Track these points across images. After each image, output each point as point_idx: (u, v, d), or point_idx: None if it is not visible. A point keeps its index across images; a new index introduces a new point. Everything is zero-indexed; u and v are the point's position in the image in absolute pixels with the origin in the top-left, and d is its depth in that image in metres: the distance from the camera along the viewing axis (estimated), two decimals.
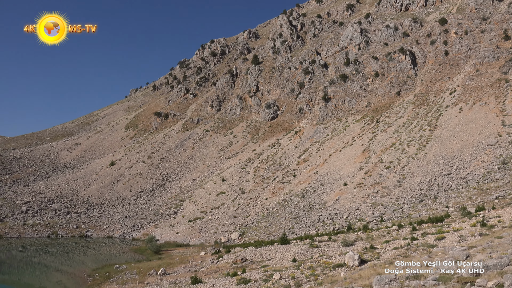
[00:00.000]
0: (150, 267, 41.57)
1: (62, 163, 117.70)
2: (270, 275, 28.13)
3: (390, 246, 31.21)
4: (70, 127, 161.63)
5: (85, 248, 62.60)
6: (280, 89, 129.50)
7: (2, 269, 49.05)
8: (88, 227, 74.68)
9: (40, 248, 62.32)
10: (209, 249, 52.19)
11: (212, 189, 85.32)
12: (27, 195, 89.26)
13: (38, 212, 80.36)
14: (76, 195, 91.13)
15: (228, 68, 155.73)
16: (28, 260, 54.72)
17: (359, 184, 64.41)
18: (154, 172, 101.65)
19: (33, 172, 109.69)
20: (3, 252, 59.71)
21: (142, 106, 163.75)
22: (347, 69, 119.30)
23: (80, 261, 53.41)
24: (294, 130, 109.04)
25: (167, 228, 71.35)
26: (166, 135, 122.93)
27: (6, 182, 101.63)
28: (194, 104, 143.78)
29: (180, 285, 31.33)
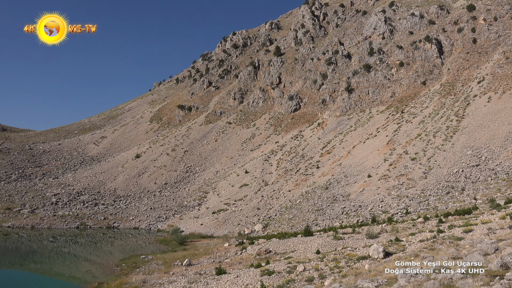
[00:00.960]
0: (175, 258, 42.28)
1: (89, 156, 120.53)
2: (293, 267, 28.21)
3: (415, 238, 30.79)
4: (97, 121, 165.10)
5: (113, 239, 64.15)
6: (303, 81, 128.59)
7: (35, 259, 50.85)
8: (115, 218, 76.40)
9: (70, 238, 64.21)
10: (233, 240, 52.66)
11: (235, 181, 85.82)
12: (56, 187, 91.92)
13: (67, 204, 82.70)
14: (103, 187, 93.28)
15: (250, 60, 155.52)
16: (58, 250, 56.50)
17: (384, 176, 63.58)
18: (178, 164, 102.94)
19: (62, 165, 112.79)
20: (35, 242, 61.82)
21: (165, 99, 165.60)
22: (370, 59, 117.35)
23: (108, 251, 54.80)
24: (317, 122, 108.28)
25: (191, 219, 72.29)
26: (189, 128, 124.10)
27: (36, 174, 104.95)
28: (216, 96, 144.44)
29: (204, 275, 31.76)
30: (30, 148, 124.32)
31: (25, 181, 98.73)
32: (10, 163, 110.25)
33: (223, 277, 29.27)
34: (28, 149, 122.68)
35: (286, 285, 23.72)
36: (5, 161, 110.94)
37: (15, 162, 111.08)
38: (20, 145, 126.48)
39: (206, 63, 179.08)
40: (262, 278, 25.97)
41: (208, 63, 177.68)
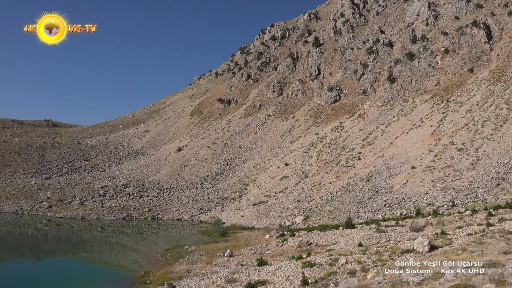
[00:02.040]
0: (217, 249, 43.08)
1: (134, 149, 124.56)
2: (335, 259, 28.05)
3: (463, 232, 29.76)
4: (140, 116, 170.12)
5: (157, 230, 66.19)
6: (343, 71, 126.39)
7: (85, 248, 53.41)
8: (159, 210, 78.72)
9: (117, 229, 66.87)
10: (274, 232, 52.93)
11: (275, 173, 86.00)
12: (103, 180, 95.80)
13: (114, 196, 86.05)
14: (147, 180, 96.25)
15: (289, 52, 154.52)
16: (107, 240, 59.03)
17: (428, 167, 61.63)
18: (218, 157, 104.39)
19: (108, 158, 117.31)
20: (85, 232, 64.88)
21: (205, 93, 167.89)
22: (413, 47, 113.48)
23: (152, 241, 56.63)
24: (358, 113, 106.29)
25: (232, 211, 73.27)
26: (229, 121, 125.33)
27: (85, 168, 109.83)
28: (255, 89, 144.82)
29: (246, 266, 32.20)
30: (78, 142, 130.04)
31: (75, 174, 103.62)
32: (61, 157, 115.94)
33: (265, 268, 29.55)
34: (77, 144, 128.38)
35: (328, 278, 23.65)
36: (56, 155, 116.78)
37: (65, 156, 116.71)
38: (69, 140, 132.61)
39: (244, 56, 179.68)
40: (304, 270, 26.01)
41: (246, 56, 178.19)
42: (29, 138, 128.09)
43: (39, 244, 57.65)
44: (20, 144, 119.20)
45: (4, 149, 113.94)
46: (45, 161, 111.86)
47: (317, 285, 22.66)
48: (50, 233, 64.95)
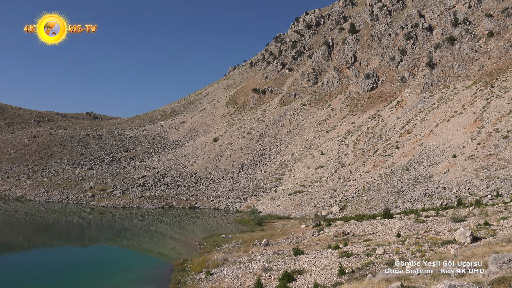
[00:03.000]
0: (253, 238, 43.50)
1: (171, 140, 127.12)
2: (373, 249, 27.69)
3: (508, 223, 28.57)
4: (176, 107, 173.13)
5: (195, 219, 67.55)
6: (380, 58, 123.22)
7: (126, 235, 55.31)
8: (196, 199, 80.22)
9: (156, 217, 68.77)
10: (310, 222, 52.81)
11: (311, 163, 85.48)
12: (143, 170, 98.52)
13: (153, 186, 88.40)
14: (184, 170, 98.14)
15: (324, 40, 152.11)
16: (146, 228, 60.85)
17: (471, 156, 59.35)
18: (254, 147, 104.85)
19: (147, 149, 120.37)
20: (126, 220, 67.14)
21: (240, 83, 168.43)
22: (455, 31, 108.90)
23: (190, 230, 57.89)
24: (396, 100, 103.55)
25: (268, 201, 73.60)
26: (264, 111, 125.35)
27: (125, 158, 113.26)
28: (290, 78, 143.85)
29: (282, 255, 32.36)
30: (118, 134, 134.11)
31: (115, 164, 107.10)
32: (102, 148, 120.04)
33: (301, 258, 29.60)
34: (117, 135, 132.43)
35: (365, 268, 23.41)
36: (98, 146, 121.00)
37: (106, 147, 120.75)
38: (110, 131, 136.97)
39: (279, 45, 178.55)
40: (340, 260, 25.86)
41: (281, 45, 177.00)
42: (73, 130, 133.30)
43: (84, 232, 60.23)
44: (64, 136, 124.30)
45: (50, 141, 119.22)
46: (87, 152, 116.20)
47: (354, 275, 22.49)
48: (94, 221, 67.69)
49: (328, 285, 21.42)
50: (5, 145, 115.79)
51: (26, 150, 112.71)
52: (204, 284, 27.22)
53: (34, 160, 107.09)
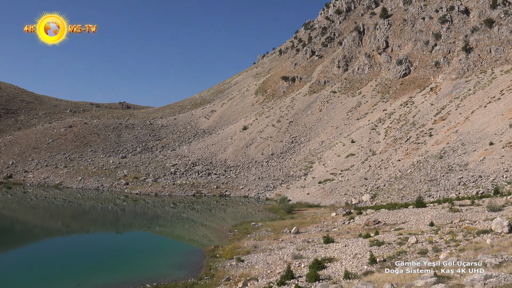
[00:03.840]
0: (283, 226, 43.69)
1: (201, 129, 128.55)
2: (405, 238, 27.31)
3: None
4: (206, 96, 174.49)
5: (225, 206, 68.42)
6: (413, 43, 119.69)
7: (159, 222, 56.73)
8: (227, 187, 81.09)
9: (188, 205, 70.08)
10: (340, 210, 52.50)
11: (341, 151, 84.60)
12: (174, 159, 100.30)
13: (184, 174, 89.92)
14: (214, 158, 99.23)
15: (355, 25, 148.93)
16: (178, 215, 62.16)
17: (509, 143, 57.11)
18: (283, 135, 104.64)
19: (178, 138, 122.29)
20: (159, 207, 68.79)
21: (269, 71, 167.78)
22: (493, 13, 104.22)
23: (221, 217, 58.73)
24: (430, 86, 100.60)
25: (298, 189, 73.55)
26: (293, 99, 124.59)
27: (157, 147, 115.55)
28: (320, 65, 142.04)
29: (312, 243, 32.40)
30: (150, 123, 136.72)
31: (147, 153, 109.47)
32: (135, 137, 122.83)
33: (331, 246, 29.55)
34: (149, 124, 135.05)
35: (397, 257, 23.13)
36: (131, 135, 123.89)
37: (138, 136, 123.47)
38: (142, 120, 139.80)
39: (308, 32, 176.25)
40: (371, 249, 25.65)
41: (310, 32, 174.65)
42: (106, 120, 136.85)
43: (119, 218, 62.16)
44: (98, 125, 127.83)
45: (85, 131, 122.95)
46: (121, 141, 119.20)
47: (386, 263, 22.28)
48: (128, 208, 69.70)
49: (359, 273, 21.33)
50: (44, 135, 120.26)
51: (63, 140, 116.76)
52: (235, 270, 27.65)
53: (71, 149, 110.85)
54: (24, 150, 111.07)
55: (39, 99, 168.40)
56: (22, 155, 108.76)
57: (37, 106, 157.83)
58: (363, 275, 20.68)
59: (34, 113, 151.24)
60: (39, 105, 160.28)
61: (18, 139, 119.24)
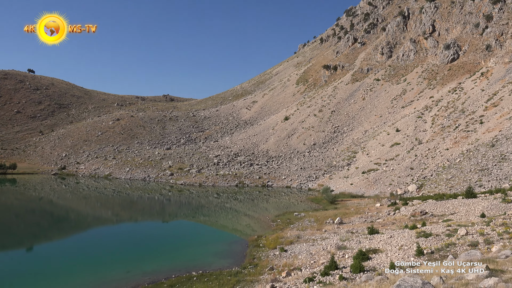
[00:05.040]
0: (326, 216, 43.39)
1: (243, 120, 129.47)
2: (454, 230, 26.39)
3: None
4: (247, 87, 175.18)
5: (267, 196, 68.79)
6: (461, 26, 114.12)
7: (203, 212, 57.95)
8: (269, 177, 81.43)
9: (231, 195, 71.08)
10: (385, 201, 51.41)
11: (386, 140, 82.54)
12: (217, 149, 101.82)
13: (227, 164, 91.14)
14: (256, 149, 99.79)
15: (399, 10, 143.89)
16: (222, 205, 63.22)
17: None
18: (325, 125, 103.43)
19: (220, 129, 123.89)
20: (203, 198, 70.23)
21: (310, 61, 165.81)
22: None
23: (263, 207, 59.13)
24: (480, 71, 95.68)
25: (341, 179, 72.65)
26: (335, 88, 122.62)
27: (200, 138, 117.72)
28: (362, 53, 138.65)
29: (356, 234, 32.01)
30: (193, 115, 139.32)
31: (191, 144, 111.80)
32: (179, 129, 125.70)
33: (376, 237, 29.08)
34: (192, 116, 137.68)
35: (446, 249, 22.42)
36: (175, 127, 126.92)
37: (182, 128, 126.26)
38: (185, 113, 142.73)
39: (350, 19, 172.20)
40: (418, 240, 25.00)
41: (352, 18, 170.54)
42: (151, 113, 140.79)
43: (165, 208, 64.09)
44: (144, 118, 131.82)
45: (131, 123, 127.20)
46: (165, 133, 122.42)
47: (434, 255, 21.66)
48: (173, 198, 71.68)
49: (405, 265, 20.87)
50: (93, 128, 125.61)
51: (111, 132, 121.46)
52: (278, 260, 27.84)
53: (119, 141, 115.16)
54: (76, 143, 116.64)
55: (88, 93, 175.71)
56: (74, 147, 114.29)
57: (87, 101, 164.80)
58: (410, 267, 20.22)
59: (84, 107, 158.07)
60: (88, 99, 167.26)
61: (70, 132, 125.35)
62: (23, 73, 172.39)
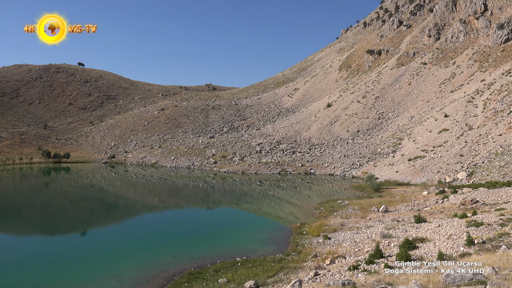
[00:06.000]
0: (371, 204, 42.69)
1: (285, 107, 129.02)
2: (507, 220, 25.22)
3: None
4: (289, 74, 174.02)
5: (310, 184, 68.51)
6: None
7: (246, 199, 58.68)
8: (311, 165, 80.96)
9: (273, 183, 71.41)
10: (432, 188, 49.81)
11: (433, 126, 79.59)
12: (259, 137, 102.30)
13: (269, 152, 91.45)
14: (298, 136, 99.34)
15: None
16: (264, 192, 63.68)
17: None
18: (369, 111, 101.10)
19: (262, 117, 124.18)
20: (246, 185, 71.05)
21: (353, 46, 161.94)
22: None
23: (306, 195, 59.00)
24: None
25: (385, 166, 71.03)
26: (379, 73, 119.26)
27: (242, 127, 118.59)
28: (408, 36, 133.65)
29: (402, 223, 31.32)
30: (235, 103, 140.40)
31: (233, 132, 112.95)
32: (221, 117, 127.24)
33: (423, 226, 28.33)
34: (234, 105, 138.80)
35: (498, 239, 21.50)
36: (217, 116, 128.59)
37: (225, 117, 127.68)
38: (227, 101, 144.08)
39: (395, 1, 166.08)
40: (468, 229, 24.11)
41: (397, 0, 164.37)
42: (195, 102, 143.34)
43: (209, 195, 65.47)
44: (187, 107, 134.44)
45: (176, 113, 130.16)
46: (208, 121, 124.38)
47: (485, 246, 20.84)
48: (217, 185, 73.03)
49: (455, 255, 20.25)
50: (140, 118, 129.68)
51: (156, 122, 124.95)
52: (322, 247, 27.81)
53: (164, 131, 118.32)
54: (124, 133, 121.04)
55: (134, 84, 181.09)
56: (122, 137, 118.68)
57: (133, 91, 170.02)
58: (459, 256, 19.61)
59: (131, 98, 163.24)
60: (134, 90, 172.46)
61: (118, 122, 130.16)
62: (74, 66, 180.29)
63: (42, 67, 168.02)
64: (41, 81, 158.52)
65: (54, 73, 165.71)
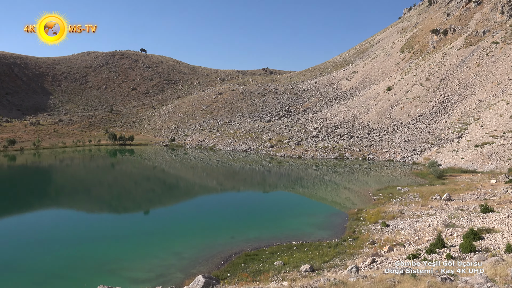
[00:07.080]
0: (433, 192, 41.04)
1: (343, 91, 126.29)
2: None
3: None
4: (347, 57, 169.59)
5: (368, 170, 66.96)
6: None
7: (302, 184, 58.64)
8: (370, 150, 78.98)
9: (330, 168, 70.63)
10: (502, 177, 46.81)
11: (504, 110, 74.33)
12: (315, 122, 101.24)
13: (326, 137, 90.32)
14: (356, 121, 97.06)
15: None
16: (321, 177, 63.23)
17: None
18: (433, 94, 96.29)
19: (319, 101, 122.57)
20: (302, 169, 70.90)
21: (417, 25, 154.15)
22: None
23: (364, 181, 57.80)
24: None
25: (449, 153, 67.65)
26: (445, 54, 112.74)
27: (299, 111, 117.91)
28: (478, 13, 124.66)
29: (467, 212, 29.87)
30: (292, 87, 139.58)
31: (290, 117, 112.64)
32: (278, 101, 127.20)
33: (490, 216, 26.87)
34: (291, 89, 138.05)
35: None
36: (274, 100, 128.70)
37: (281, 101, 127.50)
38: (284, 85, 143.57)
39: None
40: None
41: None
42: (251, 86, 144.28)
43: (265, 179, 66.15)
44: (244, 92, 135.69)
45: (233, 97, 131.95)
46: (265, 106, 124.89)
47: None
48: (273, 169, 73.54)
49: None
50: (198, 102, 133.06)
51: (214, 106, 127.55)
52: (379, 234, 27.30)
53: (221, 114, 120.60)
54: (183, 116, 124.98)
55: (193, 69, 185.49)
56: (182, 120, 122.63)
57: (192, 76, 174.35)
58: None
59: (190, 82, 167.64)
60: (193, 75, 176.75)
61: (178, 106, 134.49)
62: (136, 52, 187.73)
63: (108, 53, 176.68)
64: (107, 67, 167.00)
65: (119, 59, 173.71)
